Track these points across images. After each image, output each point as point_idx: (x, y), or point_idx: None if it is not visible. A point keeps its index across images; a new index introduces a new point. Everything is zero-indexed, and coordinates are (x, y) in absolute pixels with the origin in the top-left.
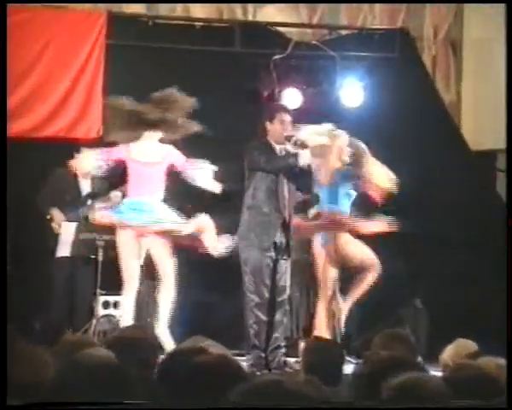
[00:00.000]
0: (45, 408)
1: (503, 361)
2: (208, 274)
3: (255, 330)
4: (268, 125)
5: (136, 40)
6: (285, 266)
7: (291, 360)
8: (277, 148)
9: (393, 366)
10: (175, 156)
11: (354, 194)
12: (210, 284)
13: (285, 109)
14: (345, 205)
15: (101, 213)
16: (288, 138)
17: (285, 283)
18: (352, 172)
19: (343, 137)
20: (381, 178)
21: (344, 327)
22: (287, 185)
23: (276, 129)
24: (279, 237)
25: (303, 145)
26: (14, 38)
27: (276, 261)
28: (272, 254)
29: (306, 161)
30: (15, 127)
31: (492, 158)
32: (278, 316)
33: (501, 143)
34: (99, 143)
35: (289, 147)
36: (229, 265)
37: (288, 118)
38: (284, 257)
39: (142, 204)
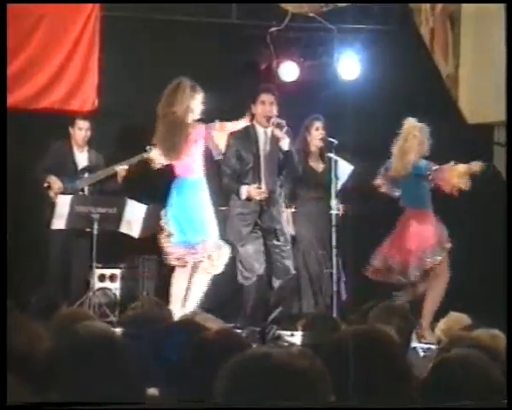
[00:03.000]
0: (45, 408)
1: (497, 332)
2: None
3: (249, 306)
4: (253, 107)
5: (131, 12)
6: (285, 249)
7: (286, 332)
8: (261, 131)
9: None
10: None
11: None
12: None
13: (267, 89)
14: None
15: None
16: (269, 120)
17: (288, 264)
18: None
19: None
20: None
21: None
22: (265, 171)
23: (259, 111)
24: (264, 222)
25: (282, 127)
26: (9, 11)
27: (270, 245)
28: (259, 236)
29: (286, 146)
30: (10, 99)
31: (489, 131)
32: (278, 294)
33: (498, 116)
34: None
35: (270, 130)
36: None
37: (269, 98)
38: (280, 241)
39: None
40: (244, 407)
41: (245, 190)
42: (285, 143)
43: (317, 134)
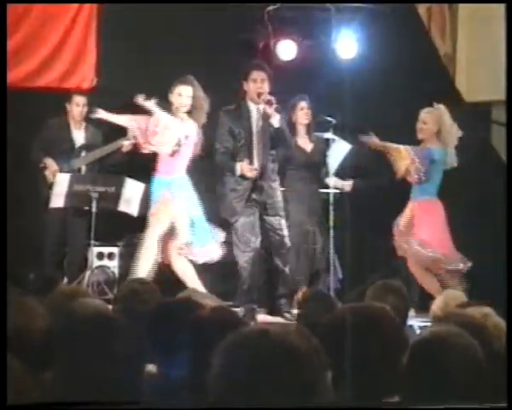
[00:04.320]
0: (45, 408)
1: (488, 310)
2: None
3: (247, 282)
4: (244, 84)
5: None
6: (279, 223)
7: (294, 311)
8: (254, 108)
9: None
10: None
11: None
12: None
13: (258, 66)
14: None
15: None
16: (260, 97)
17: (283, 239)
18: None
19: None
20: None
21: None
22: (258, 147)
23: (251, 88)
24: (259, 196)
25: (271, 104)
26: None
27: (265, 219)
28: (254, 211)
29: (277, 123)
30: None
31: (487, 110)
32: (277, 269)
33: (495, 95)
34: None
35: (262, 107)
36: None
37: (260, 75)
38: (273, 216)
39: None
40: (244, 407)
41: (239, 167)
42: (275, 120)
43: (301, 114)
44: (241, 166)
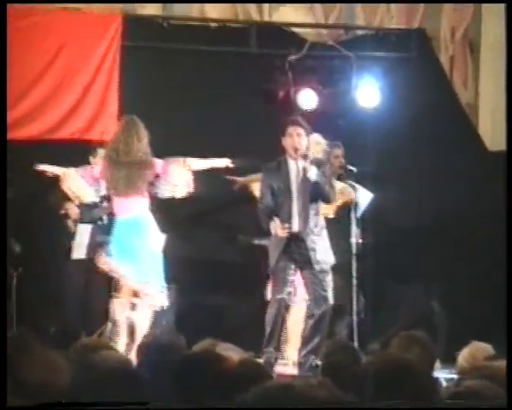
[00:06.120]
0: (45, 409)
1: None
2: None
3: (271, 328)
4: (282, 140)
5: (151, 41)
6: (322, 278)
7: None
8: (292, 163)
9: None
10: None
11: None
12: (220, 286)
13: (293, 122)
14: None
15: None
16: (297, 152)
17: (326, 294)
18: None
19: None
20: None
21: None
22: (297, 202)
23: (288, 144)
24: (299, 252)
25: (306, 157)
26: (28, 39)
27: (308, 274)
28: (288, 265)
29: (314, 177)
30: (29, 129)
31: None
32: (315, 323)
33: None
34: None
35: (301, 163)
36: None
37: (296, 130)
38: (317, 270)
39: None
40: (244, 407)
41: (272, 226)
42: (312, 174)
43: (336, 161)
44: (275, 226)
